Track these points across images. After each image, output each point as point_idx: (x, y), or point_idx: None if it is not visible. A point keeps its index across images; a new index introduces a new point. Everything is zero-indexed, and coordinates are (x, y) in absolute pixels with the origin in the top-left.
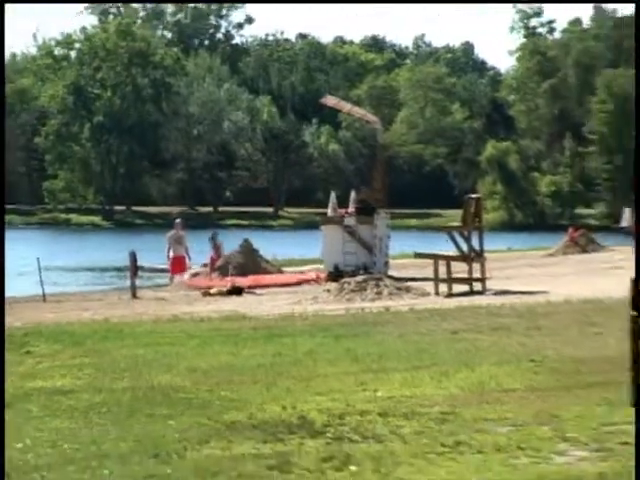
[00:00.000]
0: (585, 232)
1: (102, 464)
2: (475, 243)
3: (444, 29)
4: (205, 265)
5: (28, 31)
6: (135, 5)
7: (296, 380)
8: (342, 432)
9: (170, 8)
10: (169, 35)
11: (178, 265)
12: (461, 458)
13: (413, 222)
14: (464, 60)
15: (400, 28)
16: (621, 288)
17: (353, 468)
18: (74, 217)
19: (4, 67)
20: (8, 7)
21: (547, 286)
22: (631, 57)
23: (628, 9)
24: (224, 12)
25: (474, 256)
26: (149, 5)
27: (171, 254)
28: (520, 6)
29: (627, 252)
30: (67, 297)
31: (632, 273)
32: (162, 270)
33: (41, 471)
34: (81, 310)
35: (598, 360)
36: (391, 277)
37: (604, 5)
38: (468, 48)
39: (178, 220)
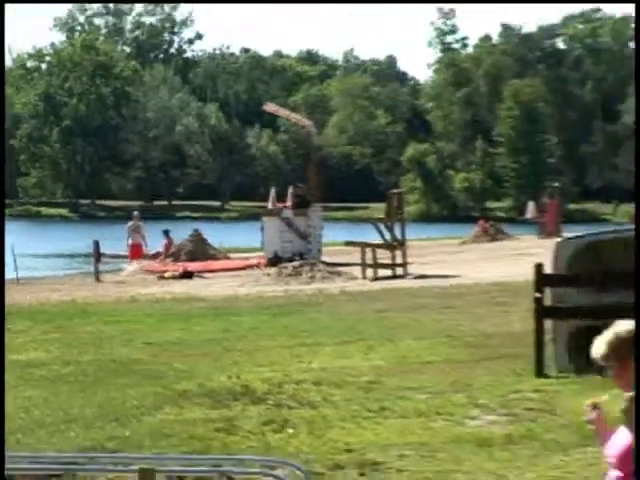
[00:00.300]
0: (494, 223)
1: (69, 428)
2: (397, 233)
3: (370, 44)
4: (154, 255)
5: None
6: (97, 22)
7: (240, 353)
8: (281, 399)
9: (129, 25)
10: (128, 49)
11: (136, 252)
12: (386, 422)
13: (343, 214)
14: (388, 72)
15: (331, 43)
16: (526, 272)
17: (290, 431)
18: (44, 210)
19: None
20: None
21: (460, 271)
22: (534, 69)
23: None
24: (177, 29)
25: (396, 244)
26: (110, 22)
27: (130, 242)
28: (437, 24)
29: (531, 240)
30: (38, 281)
31: (536, 259)
32: (122, 256)
33: (16, 434)
34: (50, 292)
35: (505, 336)
36: (324, 262)
37: (511, 22)
38: (391, 61)
39: (136, 212)
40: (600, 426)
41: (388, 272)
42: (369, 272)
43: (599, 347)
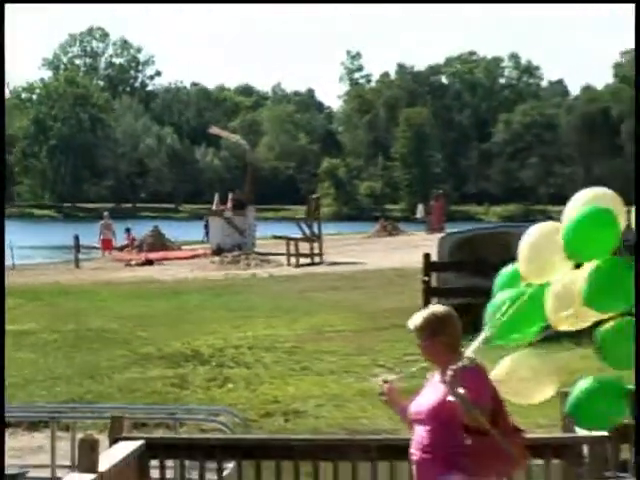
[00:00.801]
0: (391, 222)
1: (54, 384)
2: (315, 229)
3: (294, 79)
4: (122, 247)
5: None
6: (77, 62)
7: (190, 324)
8: (222, 361)
9: (103, 64)
10: (102, 83)
11: (107, 245)
12: (306, 378)
13: (272, 214)
14: (308, 101)
15: (263, 77)
16: (417, 260)
17: (230, 386)
18: (35, 211)
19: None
20: None
21: (365, 259)
22: (423, 99)
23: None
24: (140, 68)
25: (314, 238)
26: (88, 62)
27: (102, 237)
28: (346, 64)
29: (421, 235)
30: (30, 267)
31: (424, 250)
32: (96, 248)
33: (11, 389)
34: (39, 276)
35: (399, 310)
36: (256, 252)
37: (406, 62)
38: (310, 93)
39: (106, 213)
40: (392, 397)
41: (308, 260)
42: (292, 260)
43: (416, 320)
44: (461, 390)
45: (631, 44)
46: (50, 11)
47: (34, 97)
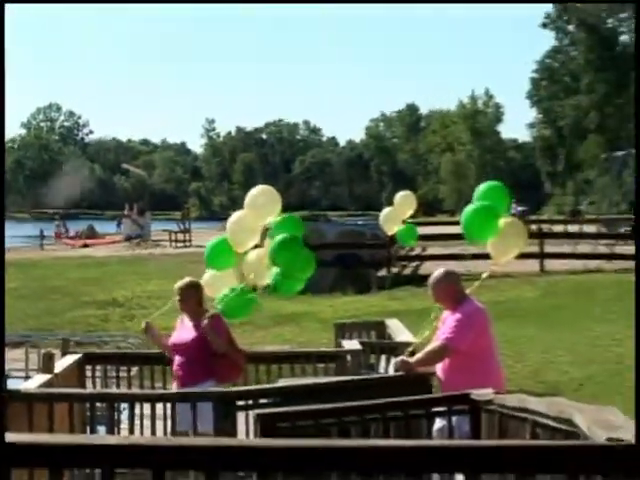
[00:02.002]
0: None
1: (27, 319)
2: (187, 225)
3: (173, 134)
4: (70, 237)
5: None
6: (42, 124)
7: (111, 283)
8: (131, 305)
9: (57, 125)
10: (57, 137)
11: (59, 235)
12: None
13: (162, 217)
14: (183, 148)
15: (155, 133)
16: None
17: (135, 320)
18: (16, 215)
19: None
20: None
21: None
22: (251, 150)
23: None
24: (80, 128)
25: (186, 231)
26: (49, 124)
27: (56, 231)
28: (205, 125)
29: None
30: (12, 249)
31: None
32: (53, 237)
33: None
34: (17, 254)
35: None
36: (152, 240)
37: (241, 124)
38: (184, 143)
39: (57, 216)
40: (152, 333)
41: (182, 244)
42: (173, 244)
43: (180, 283)
44: (211, 328)
45: (375, 115)
46: (25, 88)
47: (15, 146)
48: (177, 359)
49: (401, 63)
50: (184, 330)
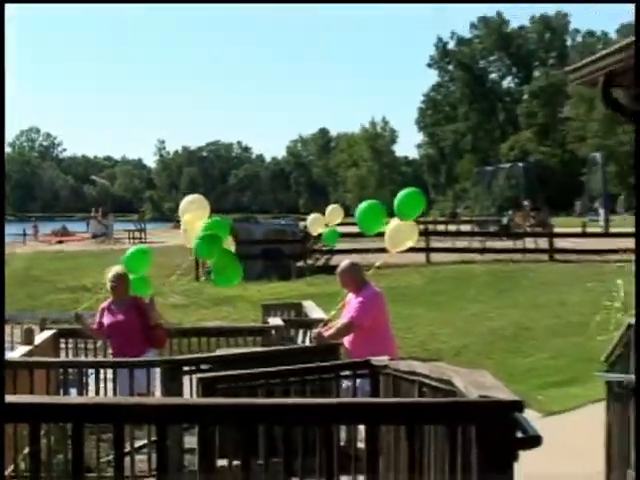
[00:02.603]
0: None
1: (10, 303)
2: (142, 225)
3: (132, 151)
4: (46, 235)
5: None
6: (24, 144)
7: (81, 272)
8: (97, 290)
9: (37, 145)
10: (37, 154)
11: (35, 234)
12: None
13: (123, 218)
14: (139, 164)
15: (115, 150)
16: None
17: (99, 302)
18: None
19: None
20: None
21: (167, 240)
22: (194, 165)
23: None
24: (55, 146)
25: (142, 230)
26: (29, 144)
27: (32, 230)
28: (157, 144)
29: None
30: None
31: None
32: (33, 235)
33: None
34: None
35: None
36: (114, 237)
37: (187, 144)
38: (140, 160)
39: (33, 218)
40: (84, 326)
41: (139, 241)
42: (132, 241)
43: (113, 272)
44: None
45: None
46: (10, 110)
47: None
48: (116, 337)
49: (316, 94)
50: (116, 313)
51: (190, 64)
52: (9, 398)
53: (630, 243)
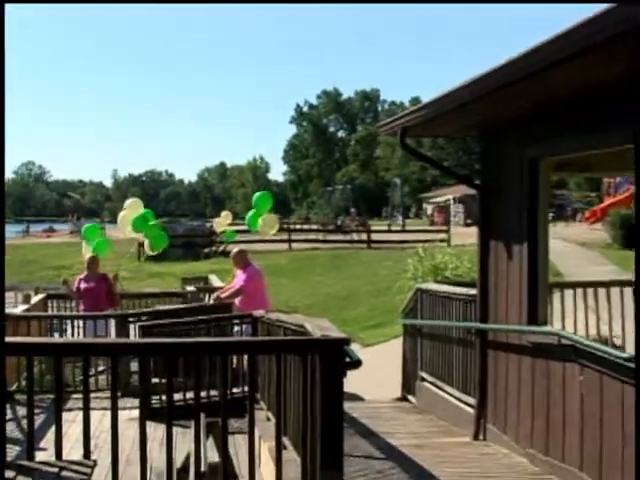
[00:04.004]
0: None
1: (13, 276)
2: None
3: (100, 174)
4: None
5: None
6: (23, 173)
7: (63, 257)
8: (73, 268)
9: (32, 174)
10: (31, 179)
11: (28, 232)
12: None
13: (89, 221)
14: (99, 186)
15: (87, 174)
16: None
17: (75, 276)
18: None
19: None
20: None
21: (118, 232)
22: (131, 190)
23: None
24: (46, 174)
25: (102, 228)
26: (27, 172)
27: (25, 228)
28: (119, 171)
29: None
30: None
31: None
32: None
33: None
34: (7, 242)
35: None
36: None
37: (132, 172)
38: (102, 182)
39: (26, 220)
40: (69, 290)
41: None
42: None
43: (89, 256)
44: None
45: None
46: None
47: (9, 183)
48: (88, 298)
49: (219, 137)
50: (89, 282)
51: (134, 104)
52: (12, 339)
53: (417, 236)
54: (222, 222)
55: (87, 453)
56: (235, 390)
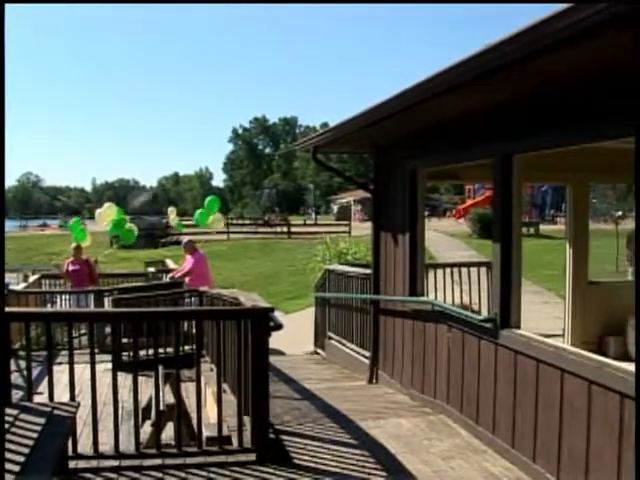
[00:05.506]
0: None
1: (15, 260)
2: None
3: (82, 181)
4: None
5: None
6: (24, 180)
7: (54, 244)
8: (63, 254)
9: (30, 183)
10: (30, 185)
11: (25, 227)
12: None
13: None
14: (83, 191)
15: (74, 181)
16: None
17: (64, 261)
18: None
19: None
20: None
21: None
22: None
23: None
24: (42, 182)
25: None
26: (26, 182)
27: (22, 224)
28: (99, 180)
29: None
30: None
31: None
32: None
33: None
34: (10, 234)
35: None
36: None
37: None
38: (84, 187)
39: (23, 217)
40: (60, 271)
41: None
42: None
43: (74, 244)
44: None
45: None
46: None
47: (12, 190)
48: (75, 278)
49: (173, 150)
50: (75, 265)
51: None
52: (14, 309)
53: (326, 229)
54: (170, 215)
55: (73, 396)
56: (186, 348)
